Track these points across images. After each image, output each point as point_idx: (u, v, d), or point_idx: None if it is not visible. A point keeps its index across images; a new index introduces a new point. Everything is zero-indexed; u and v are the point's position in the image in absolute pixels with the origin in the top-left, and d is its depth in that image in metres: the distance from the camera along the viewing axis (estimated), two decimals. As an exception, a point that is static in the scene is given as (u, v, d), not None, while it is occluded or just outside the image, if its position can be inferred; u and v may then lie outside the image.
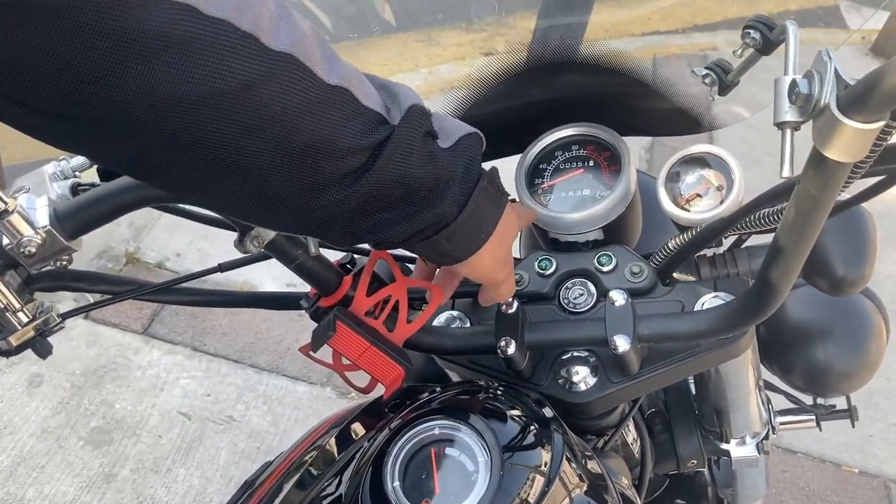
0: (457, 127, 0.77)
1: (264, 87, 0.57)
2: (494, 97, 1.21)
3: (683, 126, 1.18)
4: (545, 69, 1.19)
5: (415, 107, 0.70)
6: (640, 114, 1.25)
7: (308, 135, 0.61)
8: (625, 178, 1.17)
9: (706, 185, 1.14)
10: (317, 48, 0.61)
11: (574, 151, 1.24)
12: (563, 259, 1.17)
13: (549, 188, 1.22)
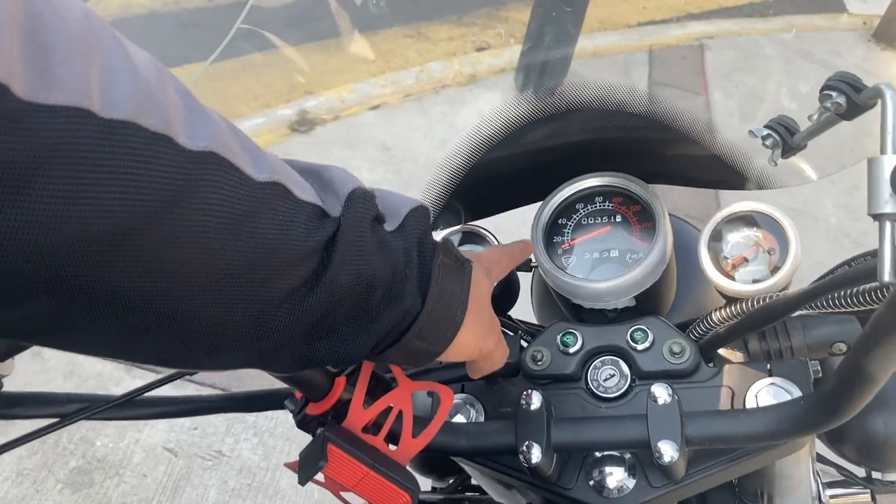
0: (398, 202, 0.68)
1: (188, 199, 0.46)
2: (509, 140, 1.05)
3: (727, 180, 1.02)
4: (564, 111, 1.02)
5: (357, 191, 0.62)
6: (674, 161, 1.08)
7: (246, 249, 0.51)
8: (660, 238, 1.00)
9: (755, 247, 0.98)
10: (236, 141, 0.52)
11: (598, 204, 1.08)
12: (590, 333, 1.01)
13: (569, 248, 1.06)
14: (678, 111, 1.00)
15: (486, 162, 1.04)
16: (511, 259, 0.92)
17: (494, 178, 1.08)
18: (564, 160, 1.09)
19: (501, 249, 0.92)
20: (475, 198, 1.10)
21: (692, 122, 1.01)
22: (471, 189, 1.07)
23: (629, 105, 1.02)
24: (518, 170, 1.09)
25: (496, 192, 1.11)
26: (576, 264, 1.05)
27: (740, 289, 0.95)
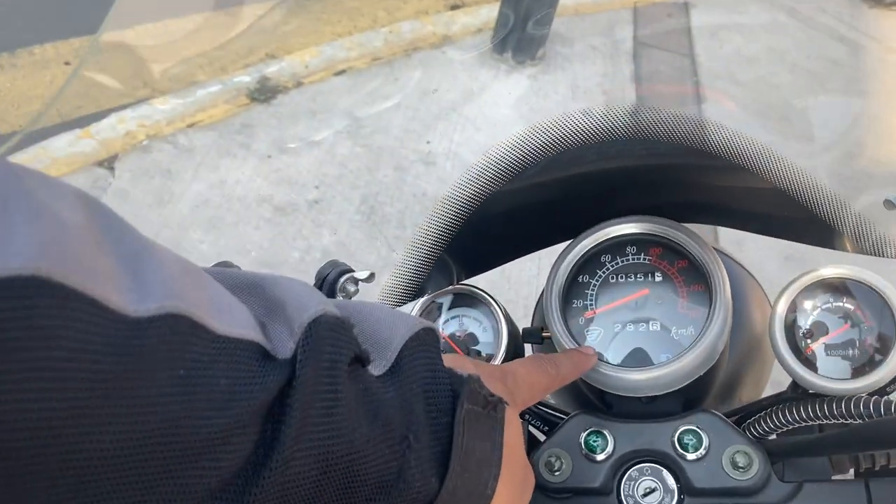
0: (389, 327, 0.49)
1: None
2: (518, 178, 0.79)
3: (815, 235, 0.77)
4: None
5: (322, 319, 0.42)
6: (731, 196, 0.83)
7: (130, 427, 0.33)
8: (720, 309, 0.75)
9: (846, 326, 0.73)
10: (92, 255, 0.33)
11: (631, 257, 0.82)
12: (624, 433, 0.76)
13: (593, 317, 0.81)
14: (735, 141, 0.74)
15: (490, 205, 0.78)
16: (554, 381, 0.67)
17: (498, 224, 0.82)
18: (586, 198, 0.83)
19: (540, 365, 0.67)
20: (473, 250, 0.84)
21: (755, 152, 0.75)
22: (469, 240, 0.81)
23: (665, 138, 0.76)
24: (528, 212, 0.83)
25: (499, 241, 0.86)
26: (602, 340, 0.80)
27: (828, 384, 0.71)
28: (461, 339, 0.84)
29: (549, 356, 0.70)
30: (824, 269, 0.73)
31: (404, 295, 0.81)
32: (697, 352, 0.74)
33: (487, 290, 0.84)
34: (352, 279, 0.67)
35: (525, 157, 0.75)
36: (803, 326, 0.74)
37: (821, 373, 0.72)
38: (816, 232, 0.75)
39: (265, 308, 0.43)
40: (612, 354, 0.79)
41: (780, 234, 0.78)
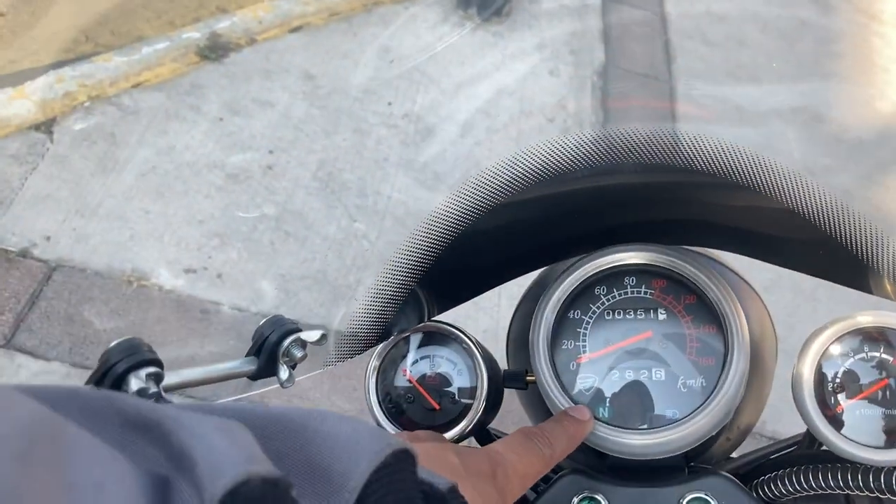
0: (348, 446, 0.37)
1: None
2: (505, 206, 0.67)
3: (843, 272, 0.65)
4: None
5: (244, 489, 0.30)
6: (754, 228, 0.71)
7: None
8: (737, 361, 0.64)
9: (883, 383, 0.63)
10: None
11: (630, 290, 0.70)
12: (621, 498, 0.66)
13: (587, 362, 0.69)
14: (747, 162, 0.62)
15: (470, 236, 0.65)
16: (549, 463, 0.56)
17: (476, 252, 0.70)
18: (574, 218, 0.70)
19: (532, 448, 0.56)
20: (447, 282, 0.72)
21: (746, 164, 0.62)
22: (443, 272, 0.69)
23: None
24: (509, 237, 0.71)
25: (477, 270, 0.73)
26: (597, 390, 0.68)
27: (861, 452, 0.61)
28: (432, 382, 0.72)
29: (541, 431, 0.58)
30: (862, 317, 0.62)
31: (368, 339, 0.69)
32: (711, 411, 0.63)
33: (461, 327, 0.72)
34: (298, 342, 0.55)
35: (498, 192, 0.63)
36: (832, 378, 0.64)
37: (851, 436, 0.62)
38: (845, 268, 0.64)
39: (169, 459, 0.31)
40: (609, 408, 0.67)
41: (801, 268, 0.67)
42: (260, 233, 2.70)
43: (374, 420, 0.70)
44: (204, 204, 2.76)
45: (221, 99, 3.08)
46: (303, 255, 2.62)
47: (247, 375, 0.53)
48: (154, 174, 2.81)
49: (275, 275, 2.56)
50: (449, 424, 0.70)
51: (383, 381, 0.72)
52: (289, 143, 2.97)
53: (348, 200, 2.80)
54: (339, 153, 2.98)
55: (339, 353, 0.68)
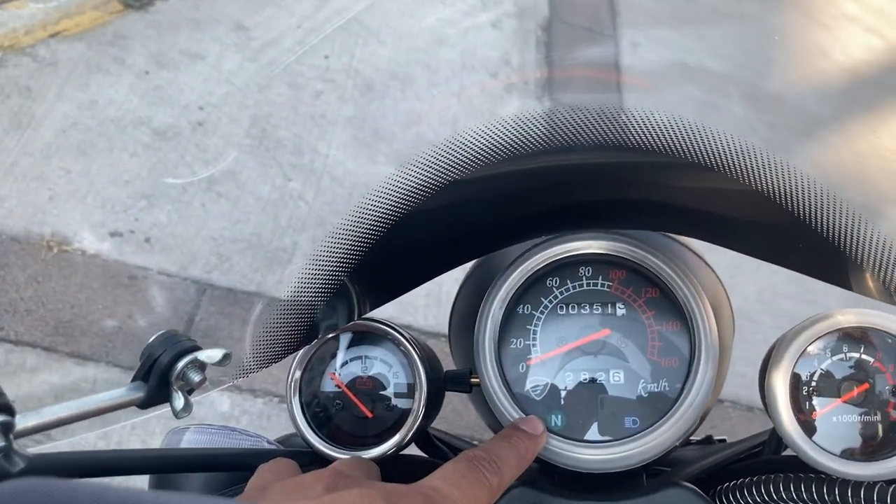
0: None
1: None
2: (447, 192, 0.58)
3: (827, 270, 0.58)
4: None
5: None
6: (745, 228, 0.63)
7: None
8: (706, 362, 0.58)
9: (865, 388, 0.57)
10: None
11: (585, 282, 0.63)
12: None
13: (538, 364, 0.62)
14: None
15: (408, 220, 0.57)
16: (496, 493, 0.49)
17: (416, 240, 0.61)
18: (527, 203, 0.62)
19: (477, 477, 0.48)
20: (381, 274, 0.63)
21: (703, 141, 0.54)
22: (377, 263, 0.60)
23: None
24: (451, 221, 0.62)
25: (415, 260, 0.65)
26: (548, 396, 0.61)
27: (841, 466, 0.55)
28: (364, 387, 0.64)
29: (488, 454, 0.51)
30: (842, 315, 0.56)
31: (289, 342, 0.60)
32: (676, 422, 0.57)
33: (396, 324, 0.64)
34: (195, 363, 0.46)
35: (440, 173, 0.54)
36: (807, 380, 0.58)
37: (826, 445, 0.56)
38: (823, 260, 0.57)
39: None
40: (562, 417, 0.60)
41: (776, 259, 0.60)
42: (190, 194, 2.56)
43: (298, 433, 0.62)
44: (130, 163, 2.61)
45: (147, 51, 2.91)
46: (235, 217, 2.49)
47: (134, 405, 0.44)
48: (75, 131, 2.64)
49: (206, 238, 2.43)
50: (384, 434, 0.63)
51: (309, 386, 0.64)
52: (220, 99, 2.81)
53: (283, 159, 2.68)
54: (273, 109, 2.84)
55: (255, 359, 0.59)
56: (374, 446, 0.61)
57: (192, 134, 2.69)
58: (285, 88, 2.91)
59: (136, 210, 2.49)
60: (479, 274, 0.75)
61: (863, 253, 0.54)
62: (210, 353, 0.46)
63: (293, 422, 0.62)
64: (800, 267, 0.59)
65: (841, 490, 0.55)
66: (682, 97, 0.58)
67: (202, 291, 2.33)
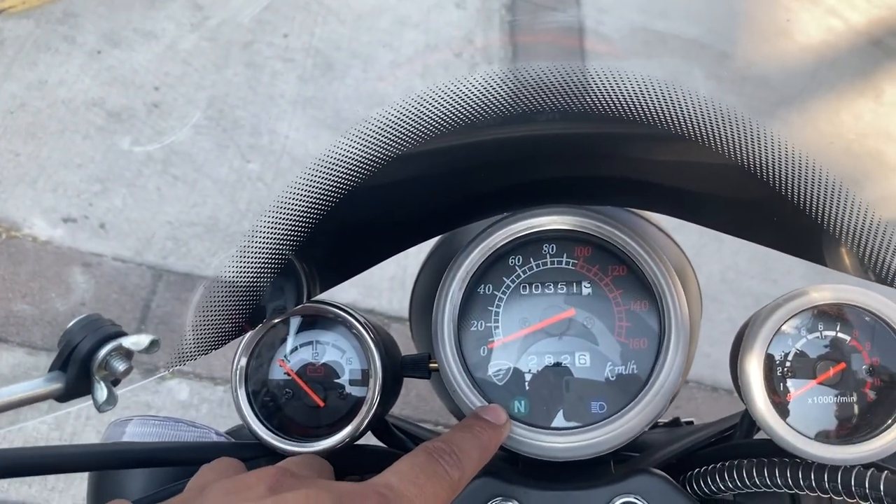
0: None
1: None
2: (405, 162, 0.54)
3: (802, 244, 0.55)
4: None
5: None
6: (716, 203, 0.60)
7: None
8: (676, 343, 0.54)
9: (841, 368, 0.54)
10: None
11: (549, 259, 0.60)
12: (539, 502, 0.56)
13: (501, 346, 0.58)
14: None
15: (361, 193, 0.53)
16: (457, 487, 0.45)
17: (370, 215, 0.57)
18: (489, 176, 0.58)
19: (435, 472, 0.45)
20: (333, 253, 0.59)
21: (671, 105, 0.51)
22: (329, 240, 0.56)
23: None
24: (412, 198, 0.58)
25: (368, 238, 0.61)
26: (511, 380, 0.58)
27: (816, 450, 0.52)
28: (316, 374, 0.60)
29: (448, 445, 0.47)
30: (817, 292, 0.53)
31: (231, 327, 0.56)
32: (645, 406, 0.54)
33: (349, 307, 0.60)
34: (120, 351, 0.41)
35: (396, 140, 0.50)
36: (781, 360, 0.55)
37: (801, 428, 0.53)
38: (799, 234, 0.55)
39: None
40: (526, 403, 0.57)
41: (746, 234, 0.57)
42: (146, 177, 2.48)
43: (245, 425, 0.58)
44: (83, 146, 2.52)
45: (99, 29, 2.81)
46: (192, 200, 2.43)
47: (52, 397, 0.40)
48: (24, 112, 2.54)
49: (162, 222, 2.36)
50: (337, 424, 0.59)
51: (256, 374, 0.60)
52: (176, 79, 2.73)
53: (241, 140, 2.61)
54: (230, 89, 2.77)
55: (196, 344, 0.55)
56: (327, 437, 0.57)
57: (147, 115, 2.61)
58: (242, 68, 2.83)
59: (90, 195, 2.41)
60: (439, 253, 0.72)
61: (841, 226, 0.51)
62: (136, 340, 0.42)
63: (239, 413, 0.58)
64: (771, 241, 0.56)
65: (817, 474, 0.52)
66: (649, 62, 0.54)
67: (158, 277, 2.27)
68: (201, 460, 0.55)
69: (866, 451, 0.51)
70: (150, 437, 0.67)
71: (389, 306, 2.30)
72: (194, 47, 2.82)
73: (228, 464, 0.47)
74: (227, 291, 0.54)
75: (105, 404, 0.42)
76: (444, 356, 0.57)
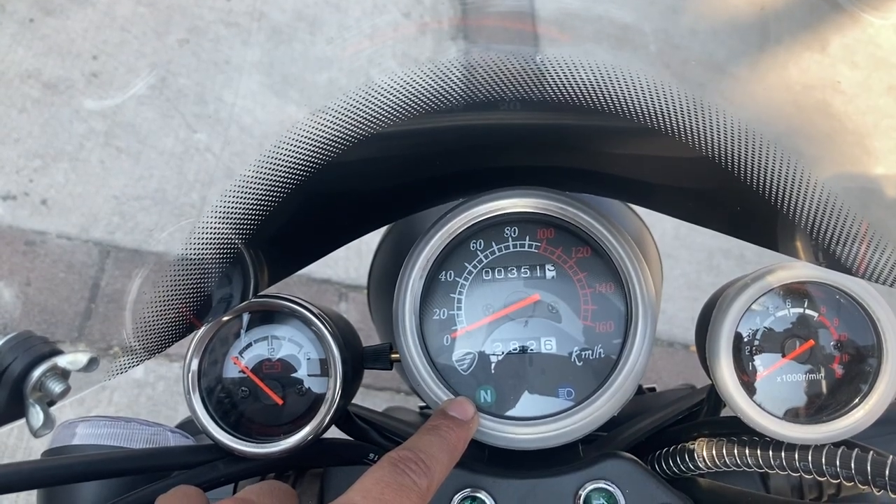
0: None
1: None
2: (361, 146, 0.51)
3: (759, 229, 0.54)
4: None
5: None
6: (673, 191, 0.58)
7: None
8: (643, 325, 0.53)
9: (808, 346, 0.53)
10: None
11: (511, 243, 0.58)
12: (509, 494, 0.55)
13: (464, 335, 0.57)
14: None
15: (317, 178, 0.50)
16: (426, 496, 0.43)
17: (325, 201, 0.55)
18: (447, 162, 0.56)
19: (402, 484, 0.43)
20: (284, 242, 0.56)
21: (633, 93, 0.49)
22: (281, 228, 0.53)
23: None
24: (367, 184, 0.56)
25: (322, 226, 0.58)
26: (476, 369, 0.56)
27: (786, 430, 0.52)
28: (272, 371, 0.57)
29: (414, 453, 0.45)
30: (784, 270, 0.52)
31: (176, 327, 0.53)
32: (615, 392, 0.53)
33: (302, 299, 0.57)
34: (56, 371, 0.38)
35: (353, 126, 0.48)
36: (750, 339, 0.54)
37: (769, 408, 0.53)
38: (754, 222, 0.53)
39: None
40: (492, 392, 0.55)
41: (705, 222, 0.55)
42: (88, 151, 2.40)
43: (201, 429, 0.55)
44: (19, 119, 2.42)
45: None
46: (138, 173, 2.35)
47: (-19, 422, 0.37)
48: (-46, 86, 2.43)
49: (107, 196, 2.29)
50: (298, 421, 0.57)
51: (211, 371, 0.57)
52: (114, 47, 2.63)
53: (186, 109, 2.53)
54: (172, 56, 2.67)
55: (142, 346, 0.52)
56: (288, 436, 0.55)
57: (86, 86, 2.51)
58: (185, 33, 2.74)
59: (30, 171, 2.32)
60: (395, 237, 0.69)
61: (796, 209, 0.50)
62: (73, 359, 0.39)
63: (194, 416, 0.55)
64: (726, 228, 0.54)
65: (787, 454, 0.51)
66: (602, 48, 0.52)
67: (106, 254, 2.20)
68: (158, 467, 0.53)
69: (835, 430, 0.51)
70: (102, 438, 0.65)
71: (346, 275, 2.28)
72: (132, 13, 2.71)
73: (184, 495, 0.45)
74: (173, 284, 0.52)
75: (42, 428, 0.39)
76: (406, 349, 0.55)
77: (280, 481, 0.50)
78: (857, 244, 0.49)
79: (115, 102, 2.46)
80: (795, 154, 0.50)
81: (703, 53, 0.64)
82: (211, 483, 0.53)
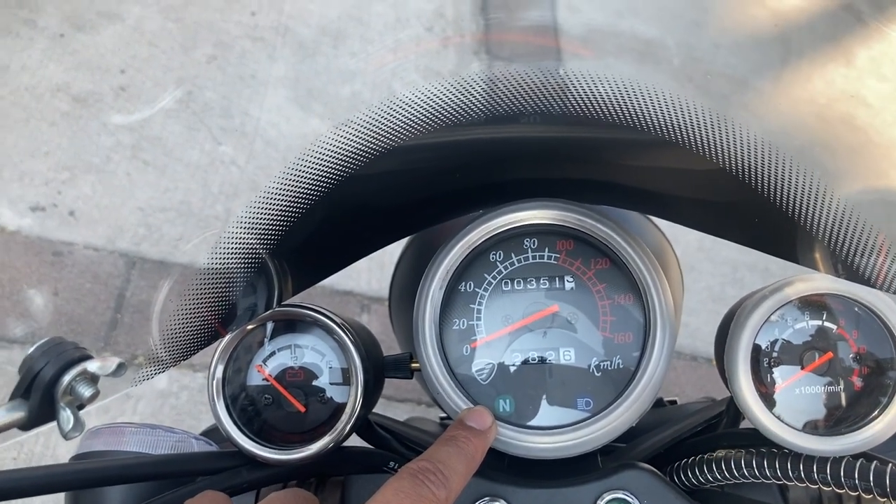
0: None
1: None
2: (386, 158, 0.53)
3: (776, 241, 0.54)
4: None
5: None
6: (694, 204, 0.58)
7: None
8: (662, 337, 0.54)
9: (826, 358, 0.54)
10: None
11: (531, 254, 0.58)
12: (527, 500, 0.55)
13: (485, 345, 0.57)
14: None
15: (341, 189, 0.51)
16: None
17: (350, 212, 0.56)
18: (469, 175, 0.57)
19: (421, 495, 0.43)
20: (308, 253, 0.58)
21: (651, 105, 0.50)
22: (305, 241, 0.54)
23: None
24: (391, 196, 0.57)
25: (346, 237, 0.59)
26: (495, 379, 0.57)
27: (802, 441, 0.52)
28: (296, 379, 0.58)
29: (432, 464, 0.46)
30: (803, 282, 0.52)
31: (202, 334, 0.54)
32: (634, 402, 0.53)
33: (326, 308, 0.59)
34: (85, 375, 0.39)
35: (376, 141, 0.49)
36: (768, 351, 0.54)
37: (788, 420, 0.53)
38: (776, 232, 0.53)
39: None
40: (511, 402, 0.56)
41: (726, 234, 0.56)
42: (115, 163, 2.44)
43: (225, 436, 0.56)
44: (49, 133, 2.47)
45: (61, 12, 2.74)
46: (163, 185, 2.39)
47: (14, 426, 0.38)
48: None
49: (133, 208, 2.32)
50: (320, 429, 0.57)
51: (235, 379, 0.58)
52: (143, 62, 2.67)
53: (212, 122, 2.56)
54: (199, 70, 2.71)
55: (168, 353, 0.53)
56: (310, 443, 0.56)
57: (114, 100, 2.56)
58: (211, 48, 2.78)
59: (59, 182, 2.36)
60: (416, 248, 0.70)
61: (816, 222, 0.50)
62: (102, 364, 0.40)
63: (218, 423, 0.56)
64: (747, 240, 0.55)
65: (806, 466, 0.52)
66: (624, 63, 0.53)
67: (132, 265, 2.23)
68: (184, 472, 0.54)
69: (854, 442, 0.51)
70: (128, 444, 0.66)
71: (368, 287, 2.29)
72: (160, 28, 2.76)
73: (212, 500, 0.46)
74: (199, 293, 0.53)
75: (72, 431, 0.40)
76: (426, 358, 0.56)
77: (302, 489, 0.51)
78: (877, 256, 0.49)
79: (142, 116, 2.49)
80: (816, 166, 0.50)
81: (725, 67, 0.64)
82: (235, 489, 0.54)
